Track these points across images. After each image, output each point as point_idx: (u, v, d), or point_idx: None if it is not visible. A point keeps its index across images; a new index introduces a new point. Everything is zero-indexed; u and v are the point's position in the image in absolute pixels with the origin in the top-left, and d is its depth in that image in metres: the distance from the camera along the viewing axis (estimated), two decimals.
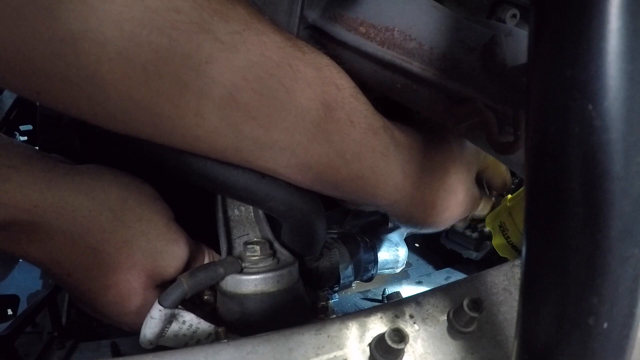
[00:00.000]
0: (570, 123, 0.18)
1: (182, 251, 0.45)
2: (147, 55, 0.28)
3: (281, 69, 0.33)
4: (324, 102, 0.36)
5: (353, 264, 0.60)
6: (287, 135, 0.35)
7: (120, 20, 0.27)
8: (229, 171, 0.37)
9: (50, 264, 0.41)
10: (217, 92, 0.31)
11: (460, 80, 0.41)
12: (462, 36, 0.41)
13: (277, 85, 0.33)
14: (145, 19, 0.28)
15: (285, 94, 0.33)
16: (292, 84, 0.34)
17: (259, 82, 0.32)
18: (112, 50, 0.28)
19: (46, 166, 0.40)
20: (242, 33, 0.31)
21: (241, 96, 0.32)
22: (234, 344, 0.30)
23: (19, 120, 0.88)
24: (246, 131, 0.34)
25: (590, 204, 0.18)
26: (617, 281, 0.19)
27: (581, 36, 0.17)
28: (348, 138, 0.38)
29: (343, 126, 0.37)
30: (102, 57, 0.28)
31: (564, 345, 0.20)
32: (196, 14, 0.29)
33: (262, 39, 0.32)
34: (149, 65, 0.29)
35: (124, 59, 0.28)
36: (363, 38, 0.44)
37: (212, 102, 0.31)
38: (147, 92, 0.30)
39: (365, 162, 0.39)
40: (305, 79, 0.34)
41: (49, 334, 0.57)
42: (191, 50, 0.29)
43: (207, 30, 0.30)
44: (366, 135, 0.39)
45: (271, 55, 0.32)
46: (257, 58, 0.32)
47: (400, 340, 0.30)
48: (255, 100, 0.32)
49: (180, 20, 0.29)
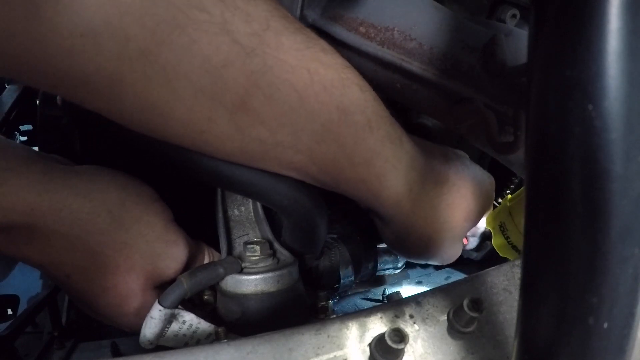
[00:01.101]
0: (570, 123, 0.18)
1: (181, 252, 0.45)
2: (167, 55, 0.28)
3: (296, 73, 0.32)
4: (340, 105, 0.34)
5: (353, 264, 0.60)
6: (294, 137, 0.34)
7: (143, 16, 0.26)
8: (233, 166, 0.37)
9: (48, 266, 0.41)
10: (229, 97, 0.31)
11: (460, 80, 0.41)
12: (462, 36, 0.41)
13: (289, 91, 0.32)
14: (168, 15, 0.27)
15: (297, 99, 0.32)
16: (306, 89, 0.33)
17: (271, 88, 0.31)
18: (133, 47, 0.27)
19: (44, 168, 0.40)
20: (261, 35, 0.30)
21: (252, 102, 0.31)
22: (234, 344, 0.30)
23: (19, 120, 0.88)
24: (253, 134, 0.33)
25: (590, 203, 0.18)
26: (617, 281, 0.19)
27: (581, 36, 0.17)
28: (362, 143, 0.36)
29: (359, 130, 0.35)
30: (122, 54, 0.27)
31: (564, 345, 0.20)
32: (218, 12, 0.28)
33: (280, 40, 0.31)
34: (169, 66, 0.28)
35: (145, 58, 0.27)
36: (363, 38, 0.44)
37: (224, 108, 0.31)
38: (164, 94, 0.29)
39: (373, 170, 0.37)
40: (321, 83, 0.33)
41: (49, 334, 0.57)
42: (210, 52, 0.29)
43: (227, 31, 0.29)
44: (382, 142, 0.37)
45: (287, 58, 0.31)
46: (272, 62, 0.31)
47: (400, 340, 0.30)
48: (266, 105, 0.32)
49: (202, 20, 0.28)
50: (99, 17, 0.25)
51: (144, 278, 0.43)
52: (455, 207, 0.44)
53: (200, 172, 0.37)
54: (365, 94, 0.36)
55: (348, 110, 0.35)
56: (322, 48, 0.34)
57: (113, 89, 0.28)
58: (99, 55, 0.27)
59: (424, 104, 0.46)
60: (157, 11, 0.26)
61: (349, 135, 0.35)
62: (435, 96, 0.43)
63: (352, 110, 0.35)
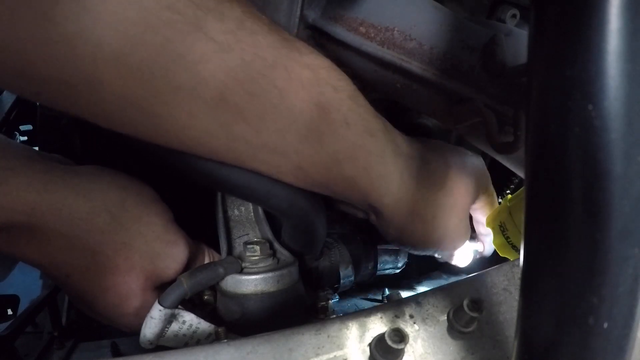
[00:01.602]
0: (570, 123, 0.18)
1: (181, 253, 0.45)
2: (142, 55, 0.28)
3: (275, 70, 0.33)
4: (318, 104, 0.35)
5: (353, 264, 0.60)
6: (278, 137, 0.35)
7: (115, 21, 0.27)
8: (231, 169, 0.37)
9: (48, 266, 0.41)
10: (209, 92, 0.31)
11: (460, 80, 0.41)
12: (462, 36, 0.41)
13: (269, 87, 0.33)
14: (139, 18, 0.27)
15: (277, 95, 0.33)
16: (285, 86, 0.33)
17: (251, 83, 0.32)
18: (107, 50, 0.28)
19: (44, 167, 0.40)
20: (236, 32, 0.31)
21: (232, 97, 0.32)
22: (234, 344, 0.30)
23: (19, 120, 0.88)
24: (237, 132, 0.33)
25: (590, 203, 0.18)
26: (617, 281, 0.19)
27: (581, 36, 0.17)
28: (342, 140, 0.37)
29: (338, 128, 0.37)
30: (97, 58, 0.28)
31: (564, 345, 0.20)
32: (190, 12, 0.29)
33: (256, 39, 0.32)
34: (143, 65, 0.29)
35: (119, 60, 0.28)
36: (363, 38, 0.44)
37: (204, 103, 0.31)
38: (142, 92, 0.30)
39: (359, 164, 0.39)
40: (299, 80, 0.34)
41: (49, 334, 0.57)
42: (184, 49, 0.29)
43: (201, 29, 0.29)
44: (362, 137, 0.38)
45: (265, 55, 0.32)
46: (250, 58, 0.31)
47: (400, 340, 0.30)
48: (246, 101, 0.32)
49: (174, 19, 0.28)
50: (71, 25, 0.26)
51: (143, 278, 0.43)
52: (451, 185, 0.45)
53: (197, 175, 0.37)
54: (340, 94, 0.36)
55: (325, 108, 0.35)
56: (297, 48, 0.35)
57: (91, 92, 0.29)
58: (75, 61, 0.27)
59: (424, 104, 0.46)
60: (128, 15, 0.27)
61: (328, 132, 0.36)
62: (435, 96, 0.43)
63: (328, 108, 0.36)
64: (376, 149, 0.39)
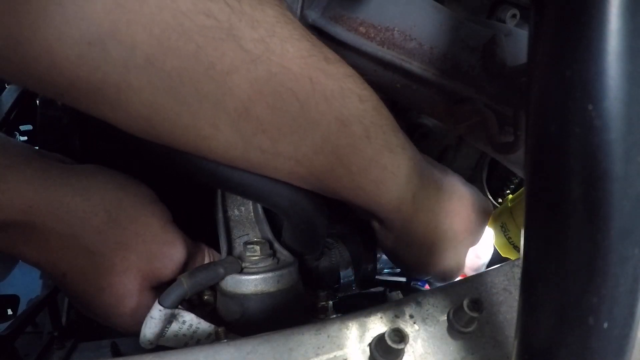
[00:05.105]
0: (570, 123, 0.18)
1: (179, 253, 0.45)
2: (173, 62, 0.28)
3: (299, 82, 0.32)
4: (339, 116, 0.34)
5: (353, 264, 0.60)
6: (294, 148, 0.34)
7: (150, 23, 0.26)
8: (232, 168, 0.37)
9: (46, 265, 0.41)
10: (233, 104, 0.31)
11: (460, 80, 0.41)
12: (462, 36, 0.41)
13: (291, 99, 0.32)
14: (175, 23, 0.26)
15: (298, 108, 0.32)
16: (307, 99, 0.33)
17: (274, 96, 0.31)
18: (140, 55, 0.27)
19: (42, 166, 0.40)
20: (267, 41, 0.30)
21: (255, 110, 0.31)
22: (234, 344, 0.30)
23: (19, 120, 0.88)
24: (255, 143, 0.33)
25: (590, 203, 0.18)
26: (617, 281, 0.19)
27: (581, 36, 0.17)
28: (359, 153, 0.36)
29: (357, 141, 0.35)
30: (129, 62, 0.27)
31: (564, 345, 0.20)
32: (225, 17, 0.28)
33: (285, 47, 0.31)
34: (174, 73, 0.28)
35: (152, 65, 0.27)
36: (363, 38, 0.44)
37: (227, 115, 0.31)
38: (169, 100, 0.29)
39: (371, 177, 0.37)
40: (322, 93, 0.33)
41: (49, 334, 0.57)
42: (215, 58, 0.28)
43: (234, 36, 0.29)
44: (380, 152, 0.37)
45: (291, 66, 0.31)
46: (276, 69, 0.31)
47: (400, 340, 0.30)
48: (268, 114, 0.32)
49: (208, 25, 0.27)
50: (106, 24, 0.25)
51: (140, 278, 0.42)
52: (456, 215, 0.45)
53: (199, 174, 0.37)
54: (364, 104, 0.36)
55: (347, 121, 0.35)
56: (325, 57, 0.34)
57: (119, 96, 0.28)
58: (106, 64, 0.26)
59: (424, 104, 0.46)
60: (164, 18, 0.26)
61: (347, 145, 0.35)
62: (435, 96, 0.43)
63: (350, 120, 0.35)
64: (392, 165, 0.38)
